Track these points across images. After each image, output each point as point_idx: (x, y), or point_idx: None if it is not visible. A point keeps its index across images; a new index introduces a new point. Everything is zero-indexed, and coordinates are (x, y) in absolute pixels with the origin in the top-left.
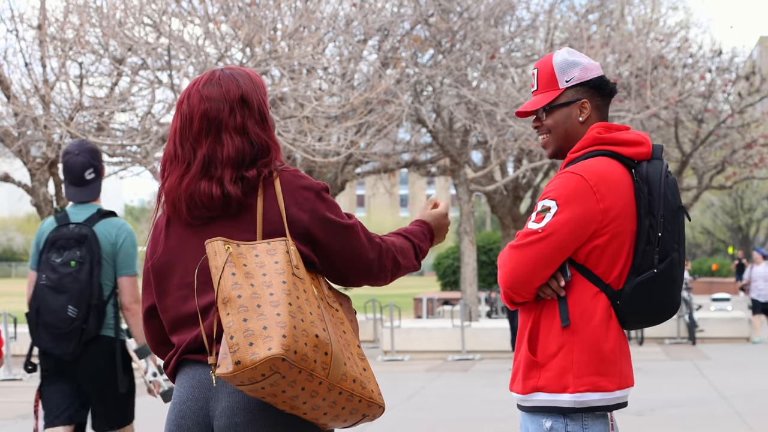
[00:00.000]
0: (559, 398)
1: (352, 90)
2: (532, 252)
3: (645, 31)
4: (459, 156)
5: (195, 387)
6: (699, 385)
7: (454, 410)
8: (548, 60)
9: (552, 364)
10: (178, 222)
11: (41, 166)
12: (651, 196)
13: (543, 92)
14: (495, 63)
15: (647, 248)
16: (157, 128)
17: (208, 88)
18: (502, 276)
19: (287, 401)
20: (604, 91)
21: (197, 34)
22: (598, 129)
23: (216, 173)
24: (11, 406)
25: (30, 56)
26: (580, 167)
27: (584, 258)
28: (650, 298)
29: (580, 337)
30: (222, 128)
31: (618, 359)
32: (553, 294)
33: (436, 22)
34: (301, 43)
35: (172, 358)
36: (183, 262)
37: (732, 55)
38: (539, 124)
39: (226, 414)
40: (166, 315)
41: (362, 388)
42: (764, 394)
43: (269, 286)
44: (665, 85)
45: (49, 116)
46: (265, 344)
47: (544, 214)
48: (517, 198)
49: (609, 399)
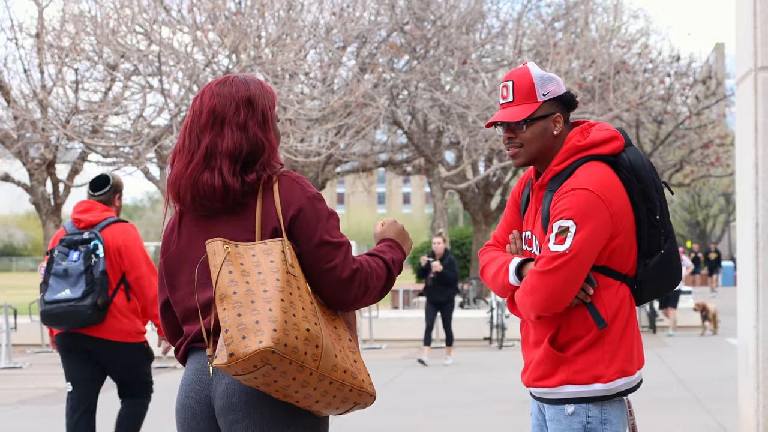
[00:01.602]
0: (591, 388)
1: (332, 94)
2: (563, 274)
3: (608, 38)
4: (433, 156)
5: (199, 371)
6: (659, 371)
7: (431, 395)
8: (525, 73)
9: (581, 358)
10: (187, 218)
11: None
12: (642, 183)
13: (521, 104)
14: (467, 68)
15: (652, 232)
16: (149, 130)
17: (220, 87)
18: (537, 301)
19: (280, 390)
20: (572, 106)
21: (186, 42)
22: (575, 137)
23: (216, 164)
24: (12, 392)
25: (29, 63)
26: (583, 181)
27: (606, 260)
28: (663, 275)
29: (611, 330)
30: (225, 122)
31: (637, 342)
32: (580, 302)
33: (411, 30)
34: (284, 50)
35: (181, 345)
36: (191, 259)
37: (690, 60)
38: (513, 136)
39: (225, 394)
40: (178, 308)
41: (353, 378)
42: (720, 379)
43: (264, 284)
44: (627, 89)
45: (47, 119)
46: (256, 337)
47: (565, 235)
48: (488, 195)
49: (632, 381)
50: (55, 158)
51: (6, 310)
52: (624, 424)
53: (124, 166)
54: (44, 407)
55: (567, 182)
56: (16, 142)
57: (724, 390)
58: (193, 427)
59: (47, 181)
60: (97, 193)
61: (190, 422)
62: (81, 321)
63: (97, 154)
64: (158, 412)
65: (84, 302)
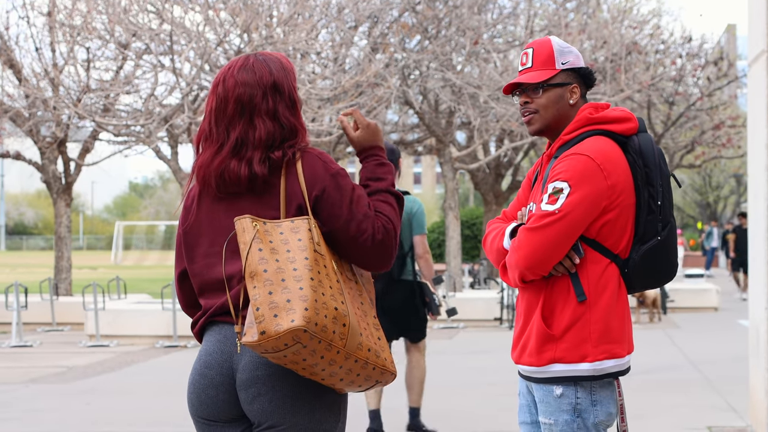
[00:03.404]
0: (578, 368)
1: (343, 74)
2: (550, 233)
3: (619, 19)
4: (444, 136)
5: (221, 341)
6: (669, 352)
7: (440, 376)
8: (546, 41)
9: (569, 335)
10: (208, 195)
11: (50, 145)
12: (647, 167)
13: (539, 70)
14: (478, 48)
15: (649, 217)
16: (160, 109)
17: (242, 73)
18: (520, 257)
19: (307, 368)
20: (589, 81)
21: (197, 21)
22: (588, 110)
23: (246, 154)
24: (23, 371)
25: (40, 41)
26: (585, 148)
27: (596, 233)
28: (656, 263)
29: (596, 308)
30: (255, 112)
31: (627, 326)
32: (566, 271)
33: (423, 10)
34: (296, 30)
35: (200, 319)
36: (210, 231)
37: (701, 41)
38: (529, 101)
39: (248, 367)
40: (195, 279)
41: (376, 356)
42: (730, 360)
43: (293, 262)
44: (638, 70)
45: (58, 98)
46: (288, 316)
47: (558, 196)
48: (498, 176)
49: (621, 364)
50: (66, 137)
51: (17, 288)
52: (614, 404)
53: (135, 145)
54: (54, 386)
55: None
56: (28, 120)
57: (735, 371)
58: (212, 398)
59: (58, 159)
60: None
61: (209, 392)
62: None
63: (109, 132)
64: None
65: None
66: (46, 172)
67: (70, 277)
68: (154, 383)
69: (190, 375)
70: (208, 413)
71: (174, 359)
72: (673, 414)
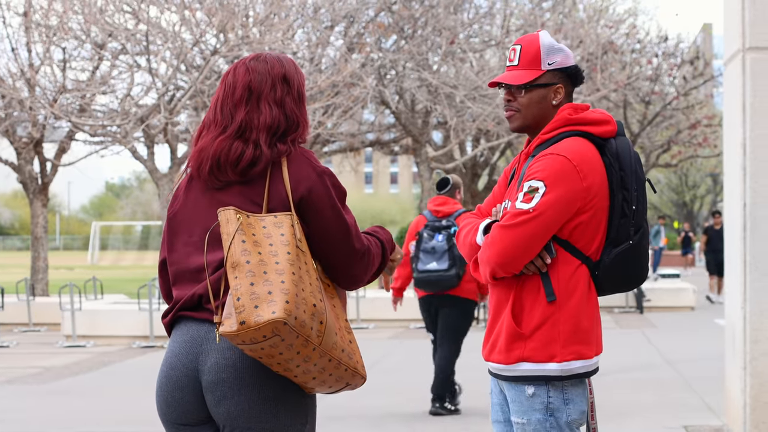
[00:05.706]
0: (546, 367)
1: (319, 73)
2: (524, 231)
3: (595, 18)
4: (420, 136)
5: (187, 342)
6: (646, 351)
7: (418, 375)
8: (534, 39)
9: (537, 335)
10: (197, 184)
11: (27, 145)
12: (623, 171)
13: (524, 69)
14: (454, 48)
15: (622, 221)
16: (136, 110)
17: (254, 63)
18: (493, 254)
19: (282, 363)
20: (576, 80)
21: (174, 21)
22: (568, 110)
23: (252, 136)
24: None
25: (16, 42)
26: (562, 148)
27: (568, 234)
28: (626, 267)
29: (566, 309)
30: (262, 98)
31: (596, 328)
32: (536, 270)
33: (399, 10)
34: (272, 30)
35: (170, 312)
36: (193, 221)
37: (677, 41)
38: (511, 99)
39: (214, 370)
40: (172, 268)
41: (348, 358)
42: (706, 359)
43: (275, 255)
44: (614, 69)
45: (34, 98)
46: (269, 308)
47: (533, 195)
48: (475, 175)
49: (589, 365)
50: (43, 137)
51: None
52: (586, 402)
53: (111, 145)
54: (31, 386)
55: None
56: (4, 120)
57: (711, 371)
58: (177, 400)
59: (35, 160)
60: (442, 191)
61: (175, 395)
62: (446, 286)
63: (85, 133)
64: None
65: (450, 272)
66: (23, 173)
67: (46, 278)
68: (130, 384)
69: (157, 377)
70: (176, 416)
71: (151, 359)
72: (649, 413)
